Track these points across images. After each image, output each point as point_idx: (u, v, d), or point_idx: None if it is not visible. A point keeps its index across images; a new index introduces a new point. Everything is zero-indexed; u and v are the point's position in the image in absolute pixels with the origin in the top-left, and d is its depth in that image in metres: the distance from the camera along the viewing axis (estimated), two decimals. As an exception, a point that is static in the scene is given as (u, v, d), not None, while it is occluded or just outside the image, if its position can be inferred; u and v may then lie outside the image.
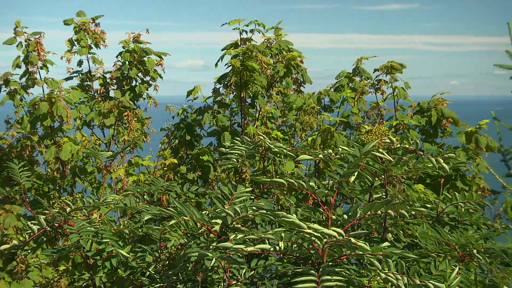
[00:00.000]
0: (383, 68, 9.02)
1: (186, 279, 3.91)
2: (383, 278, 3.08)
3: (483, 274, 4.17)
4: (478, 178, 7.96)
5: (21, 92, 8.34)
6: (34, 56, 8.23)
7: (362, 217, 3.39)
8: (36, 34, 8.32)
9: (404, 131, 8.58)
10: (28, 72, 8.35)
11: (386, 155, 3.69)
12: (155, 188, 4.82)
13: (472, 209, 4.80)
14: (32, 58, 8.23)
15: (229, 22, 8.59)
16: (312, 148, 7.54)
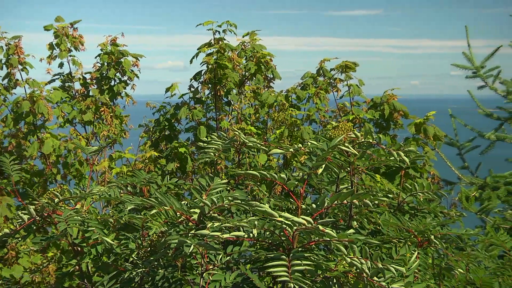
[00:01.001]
0: (338, 68, 9.15)
1: (167, 264, 3.92)
2: (348, 262, 3.12)
3: (439, 258, 4.22)
4: (428, 166, 8.08)
5: (4, 92, 8.44)
6: (14, 58, 8.38)
7: (329, 206, 3.42)
8: (15, 38, 8.45)
9: (360, 124, 8.69)
10: (9, 74, 8.39)
11: (351, 149, 3.73)
12: (138, 180, 4.83)
13: (429, 198, 4.86)
14: (12, 61, 8.33)
15: (203, 23, 8.65)
16: (280, 140, 7.60)
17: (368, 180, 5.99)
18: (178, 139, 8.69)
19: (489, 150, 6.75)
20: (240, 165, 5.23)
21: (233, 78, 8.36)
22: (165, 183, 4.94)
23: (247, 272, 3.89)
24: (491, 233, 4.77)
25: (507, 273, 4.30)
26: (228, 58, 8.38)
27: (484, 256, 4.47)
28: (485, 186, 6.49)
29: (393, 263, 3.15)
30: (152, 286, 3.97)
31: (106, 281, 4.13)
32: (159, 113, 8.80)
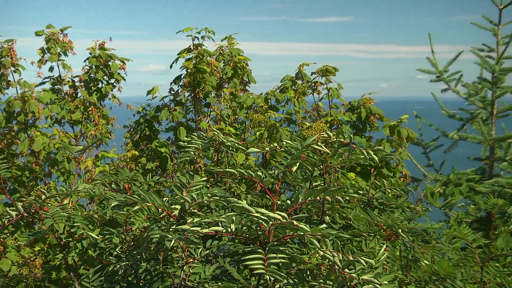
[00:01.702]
0: (319, 71, 9.18)
1: (149, 258, 3.90)
2: (321, 255, 3.11)
3: (406, 250, 4.23)
4: (401, 166, 8.15)
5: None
6: (7, 60, 8.35)
7: (303, 202, 3.41)
8: (8, 41, 8.40)
9: (338, 126, 8.73)
10: (2, 75, 8.35)
11: (324, 148, 3.73)
12: (121, 178, 4.80)
13: (397, 194, 4.88)
14: (5, 62, 8.33)
15: (183, 30, 8.68)
16: (260, 141, 7.60)
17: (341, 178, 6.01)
18: (158, 139, 8.72)
19: (452, 149, 6.80)
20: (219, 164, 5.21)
21: (211, 81, 8.40)
22: (147, 181, 4.93)
23: (226, 265, 3.88)
24: (454, 227, 4.80)
25: (469, 264, 4.33)
26: (207, 62, 8.40)
27: (448, 248, 4.50)
28: (449, 182, 6.53)
29: (363, 256, 3.14)
30: (135, 278, 3.94)
31: (92, 274, 4.10)
32: (140, 114, 8.84)
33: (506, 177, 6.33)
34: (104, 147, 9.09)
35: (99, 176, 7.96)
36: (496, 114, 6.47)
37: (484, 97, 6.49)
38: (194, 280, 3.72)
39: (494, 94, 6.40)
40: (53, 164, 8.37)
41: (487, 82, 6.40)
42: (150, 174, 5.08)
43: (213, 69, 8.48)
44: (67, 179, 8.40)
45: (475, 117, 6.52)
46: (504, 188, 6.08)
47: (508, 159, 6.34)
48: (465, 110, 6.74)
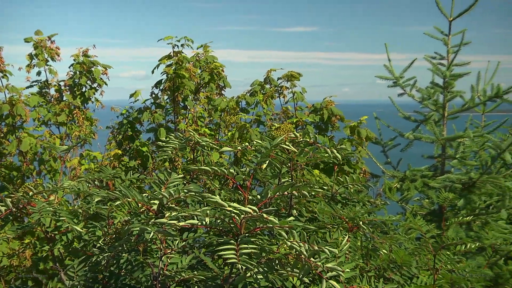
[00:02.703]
0: (285, 77, 9.22)
1: (130, 249, 3.87)
2: (288, 245, 3.11)
3: (367, 241, 4.25)
4: (361, 163, 8.21)
5: None
6: None
7: (272, 197, 3.41)
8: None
9: (302, 127, 8.76)
10: (-10, 80, 8.33)
11: (291, 147, 3.72)
12: (104, 175, 4.76)
13: (358, 189, 4.89)
14: None
15: (164, 38, 8.69)
16: (231, 141, 7.60)
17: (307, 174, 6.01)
18: (140, 139, 8.71)
19: (408, 148, 6.83)
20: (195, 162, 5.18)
21: (190, 86, 8.40)
22: (128, 178, 4.89)
23: (201, 255, 3.87)
24: (410, 219, 4.82)
25: (423, 252, 4.36)
26: (186, 68, 8.39)
27: (404, 238, 4.52)
28: (405, 178, 6.57)
29: (328, 246, 3.15)
30: (117, 268, 3.91)
31: (76, 264, 4.06)
32: (123, 116, 8.84)
33: (456, 173, 6.38)
34: (88, 147, 9.05)
35: (84, 174, 7.92)
36: (447, 116, 6.52)
37: (436, 101, 6.53)
38: (172, 270, 3.69)
39: (445, 98, 6.45)
40: (40, 163, 8.31)
41: (439, 87, 6.44)
42: (131, 172, 5.05)
43: (191, 74, 8.49)
44: (53, 177, 8.33)
45: (428, 119, 6.56)
46: (454, 183, 6.13)
47: (458, 157, 6.39)
48: (419, 112, 6.78)
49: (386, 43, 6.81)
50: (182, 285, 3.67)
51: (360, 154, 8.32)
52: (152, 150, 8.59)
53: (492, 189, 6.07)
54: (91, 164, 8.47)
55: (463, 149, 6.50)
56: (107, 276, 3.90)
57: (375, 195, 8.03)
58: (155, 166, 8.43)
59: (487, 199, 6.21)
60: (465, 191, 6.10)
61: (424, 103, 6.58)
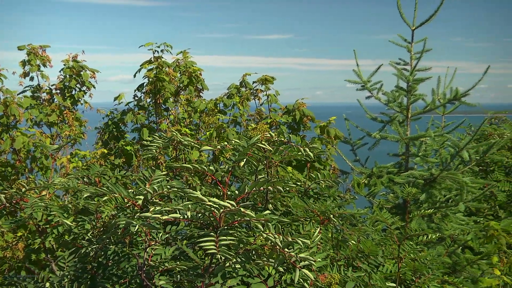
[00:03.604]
0: (259, 80, 9.23)
1: (117, 241, 3.85)
2: (264, 237, 3.11)
3: (337, 233, 4.27)
4: (330, 160, 8.24)
5: None
6: None
7: (250, 192, 3.41)
8: None
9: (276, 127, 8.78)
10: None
11: (267, 146, 3.73)
12: (92, 172, 4.72)
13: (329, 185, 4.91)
14: None
15: (144, 45, 8.69)
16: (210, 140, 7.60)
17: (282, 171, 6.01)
18: (125, 139, 8.69)
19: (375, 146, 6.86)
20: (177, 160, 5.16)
21: (170, 89, 8.40)
22: (115, 175, 4.86)
23: (183, 247, 3.85)
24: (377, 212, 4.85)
25: (388, 243, 4.39)
26: (166, 73, 8.39)
27: (371, 230, 4.55)
28: (372, 175, 6.60)
29: (301, 237, 3.15)
30: (104, 259, 3.89)
31: (67, 256, 4.03)
32: (108, 117, 8.84)
33: (418, 170, 6.43)
34: (78, 146, 8.99)
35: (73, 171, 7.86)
36: (410, 117, 6.56)
37: (401, 103, 6.58)
38: (156, 260, 3.68)
39: (408, 101, 6.49)
40: (32, 161, 8.25)
41: (403, 90, 6.49)
42: (117, 169, 5.02)
43: (171, 78, 8.49)
44: (45, 174, 8.26)
45: (393, 120, 6.60)
46: (417, 179, 6.18)
47: (420, 155, 6.44)
48: (385, 114, 6.82)
49: (355, 50, 6.85)
50: (165, 275, 3.66)
51: (329, 152, 8.37)
52: (137, 148, 8.56)
53: (451, 184, 6.12)
54: (79, 162, 8.43)
55: (425, 147, 6.55)
56: (95, 266, 3.87)
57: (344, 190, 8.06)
58: (139, 163, 8.41)
59: (446, 193, 6.27)
60: (427, 186, 6.14)
61: (390, 105, 6.62)
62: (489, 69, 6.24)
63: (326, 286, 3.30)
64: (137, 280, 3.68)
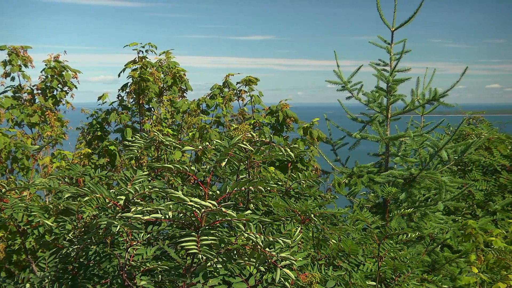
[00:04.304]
0: (243, 81, 9.21)
1: (98, 242, 3.82)
2: (246, 237, 3.11)
3: (318, 232, 4.28)
4: (313, 161, 8.26)
5: None
6: None
7: (231, 192, 3.40)
8: None
9: (259, 127, 8.77)
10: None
11: (248, 146, 3.72)
12: (74, 173, 4.69)
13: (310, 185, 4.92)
14: None
15: (129, 44, 8.62)
16: (192, 140, 7.58)
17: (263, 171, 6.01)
18: (108, 139, 8.63)
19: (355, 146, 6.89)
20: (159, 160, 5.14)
21: (154, 89, 8.36)
22: (97, 175, 4.83)
23: (165, 247, 3.84)
24: (357, 211, 4.88)
25: (368, 242, 4.41)
26: (150, 73, 8.35)
27: (352, 229, 4.57)
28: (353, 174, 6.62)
29: (282, 237, 3.16)
30: (86, 259, 3.86)
31: (48, 256, 4.00)
32: (92, 117, 8.77)
33: (398, 169, 6.46)
34: (59, 146, 8.91)
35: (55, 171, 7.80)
36: (390, 117, 6.60)
37: (381, 103, 6.61)
38: (138, 260, 3.66)
39: (388, 101, 6.53)
40: (13, 161, 8.15)
41: (383, 91, 6.52)
42: (99, 169, 4.99)
43: (155, 78, 8.46)
44: (26, 174, 8.17)
45: (373, 120, 6.63)
46: (397, 179, 6.21)
47: (400, 155, 6.48)
48: (366, 114, 6.85)
49: (335, 51, 6.87)
50: (147, 275, 3.64)
51: (312, 152, 8.39)
52: (120, 149, 8.51)
53: (430, 183, 6.17)
54: (62, 162, 8.35)
55: (404, 147, 6.60)
56: (76, 267, 3.85)
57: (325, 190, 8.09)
58: (122, 163, 8.36)
59: (426, 193, 6.31)
60: (406, 186, 6.18)
61: (370, 105, 6.65)
62: (467, 70, 6.29)
63: (307, 285, 3.30)
64: (119, 280, 3.66)
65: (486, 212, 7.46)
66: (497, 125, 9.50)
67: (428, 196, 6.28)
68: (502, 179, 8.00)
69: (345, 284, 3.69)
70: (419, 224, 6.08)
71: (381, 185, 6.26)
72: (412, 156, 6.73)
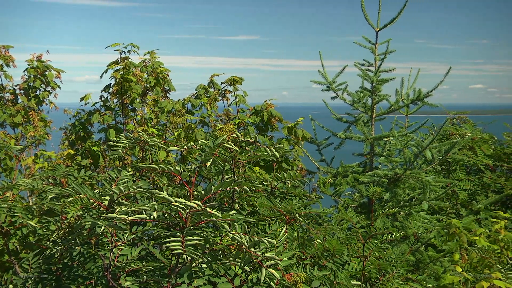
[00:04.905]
0: (228, 81, 9.22)
1: (83, 242, 3.80)
2: (231, 237, 3.11)
3: (303, 232, 4.28)
4: (297, 161, 8.28)
5: None
6: None
7: (216, 192, 3.40)
8: None
9: (244, 127, 8.77)
10: None
11: (233, 146, 3.72)
12: (58, 173, 4.66)
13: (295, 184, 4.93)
14: None
15: (111, 45, 8.59)
16: (178, 140, 7.56)
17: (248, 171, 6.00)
18: (92, 140, 8.59)
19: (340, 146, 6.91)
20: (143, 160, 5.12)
21: (137, 89, 8.35)
22: (81, 175, 4.80)
23: (150, 247, 3.83)
24: (342, 211, 4.90)
25: (353, 241, 4.43)
26: (133, 73, 8.33)
27: (337, 229, 4.58)
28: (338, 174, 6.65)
29: (267, 237, 3.16)
30: (70, 260, 3.84)
31: (31, 257, 3.97)
32: (75, 118, 8.72)
33: (383, 169, 6.50)
34: (43, 147, 8.85)
35: (38, 172, 7.74)
36: (375, 117, 6.63)
37: (365, 103, 6.64)
38: (122, 261, 3.65)
39: (373, 101, 6.56)
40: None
41: (367, 91, 6.55)
42: (83, 170, 4.96)
43: (138, 78, 8.43)
44: (9, 175, 8.10)
45: (358, 120, 6.66)
46: (382, 178, 6.24)
47: (384, 154, 6.51)
48: (350, 114, 6.87)
49: (320, 51, 6.89)
50: (131, 275, 3.63)
51: (297, 152, 8.41)
52: (104, 149, 8.47)
53: (414, 183, 6.21)
54: (45, 163, 8.29)
55: (389, 147, 6.63)
56: (60, 268, 3.82)
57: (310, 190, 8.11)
58: (106, 164, 8.32)
59: (410, 192, 6.35)
60: (391, 185, 6.21)
61: (355, 105, 6.68)
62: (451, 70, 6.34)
63: (292, 285, 3.31)
64: (103, 281, 3.64)
65: (470, 211, 7.53)
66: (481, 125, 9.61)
67: (412, 195, 6.33)
68: (485, 179, 8.08)
69: (330, 284, 3.70)
70: (403, 224, 6.11)
71: (366, 185, 6.29)
72: (396, 156, 6.77)
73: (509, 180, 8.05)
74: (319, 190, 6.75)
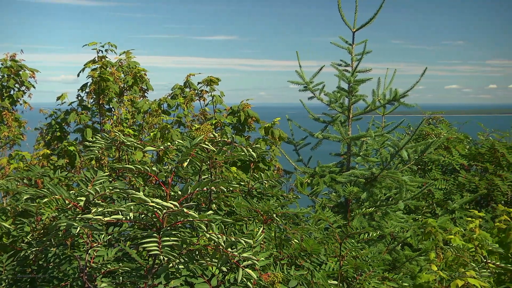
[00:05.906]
0: (204, 81, 9.21)
1: (58, 244, 3.76)
2: (208, 237, 3.11)
3: (280, 232, 4.30)
4: (275, 161, 8.31)
5: None
6: None
7: (193, 193, 3.39)
8: None
9: (221, 127, 8.77)
10: None
11: (210, 146, 3.72)
12: (33, 174, 4.61)
13: (273, 185, 4.94)
14: None
15: (88, 44, 8.53)
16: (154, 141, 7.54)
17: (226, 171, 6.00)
18: (68, 139, 8.52)
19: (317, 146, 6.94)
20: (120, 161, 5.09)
21: (114, 89, 8.30)
22: (57, 176, 4.76)
23: (126, 248, 3.81)
24: (319, 211, 4.92)
25: (330, 241, 4.45)
26: (110, 73, 8.28)
27: (314, 229, 4.60)
28: (315, 174, 6.67)
29: (244, 237, 3.16)
30: (45, 262, 3.80)
31: (5, 259, 3.91)
32: (51, 117, 8.64)
33: (360, 169, 6.54)
34: (17, 147, 8.75)
35: (13, 173, 7.65)
36: (351, 118, 6.67)
37: (342, 104, 6.68)
38: (98, 262, 3.62)
39: (350, 101, 6.60)
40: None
41: (344, 91, 6.59)
42: (59, 170, 4.92)
43: (115, 78, 8.38)
44: (-18, 176, 8.00)
45: (335, 120, 6.70)
46: (358, 178, 6.28)
47: (361, 154, 6.56)
48: (327, 114, 6.91)
49: (297, 51, 6.92)
50: (108, 276, 3.60)
51: (274, 152, 8.44)
52: (80, 149, 8.41)
53: (391, 183, 6.26)
54: (20, 163, 8.20)
55: (366, 147, 6.68)
56: (35, 269, 3.78)
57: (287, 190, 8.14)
58: (82, 164, 8.26)
59: (387, 192, 6.40)
60: (368, 185, 6.26)
61: (332, 105, 6.71)
62: (427, 70, 6.41)
63: (269, 285, 3.31)
64: (79, 282, 3.62)
65: (445, 210, 7.61)
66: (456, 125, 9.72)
67: (389, 195, 6.38)
68: (460, 178, 8.18)
69: (307, 284, 3.72)
70: (380, 223, 6.16)
71: (343, 184, 6.33)
72: (373, 156, 6.82)
73: (483, 179, 8.16)
74: (296, 190, 6.77)
